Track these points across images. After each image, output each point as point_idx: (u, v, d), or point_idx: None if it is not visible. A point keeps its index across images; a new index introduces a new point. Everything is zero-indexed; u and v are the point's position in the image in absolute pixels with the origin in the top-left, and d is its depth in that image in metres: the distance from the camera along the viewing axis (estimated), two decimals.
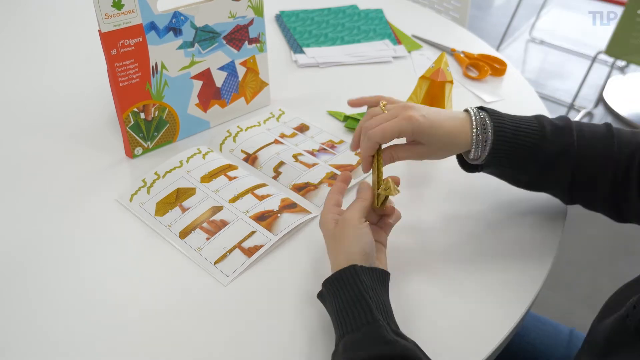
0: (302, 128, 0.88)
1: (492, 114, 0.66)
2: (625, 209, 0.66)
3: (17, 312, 0.60)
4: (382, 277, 0.57)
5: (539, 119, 0.67)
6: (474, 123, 0.65)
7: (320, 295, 0.58)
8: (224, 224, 0.70)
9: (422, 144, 0.65)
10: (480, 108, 0.67)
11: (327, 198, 0.64)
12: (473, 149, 0.65)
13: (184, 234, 0.69)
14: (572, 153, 0.64)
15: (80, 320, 0.59)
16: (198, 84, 0.84)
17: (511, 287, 0.65)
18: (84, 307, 0.61)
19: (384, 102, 0.68)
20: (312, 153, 0.82)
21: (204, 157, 0.80)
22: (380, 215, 0.64)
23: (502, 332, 0.60)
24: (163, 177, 0.76)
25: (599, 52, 2.03)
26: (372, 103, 0.71)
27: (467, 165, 0.70)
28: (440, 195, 0.77)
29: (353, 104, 0.75)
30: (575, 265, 1.63)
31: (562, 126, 0.66)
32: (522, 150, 0.65)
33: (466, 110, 0.67)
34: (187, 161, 0.79)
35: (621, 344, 0.50)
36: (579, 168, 0.65)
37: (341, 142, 0.85)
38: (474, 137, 0.65)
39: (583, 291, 1.60)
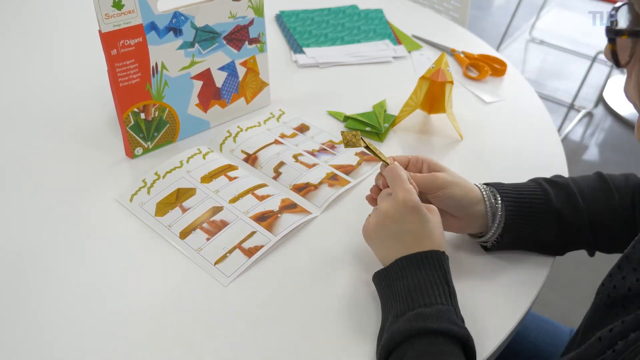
0: (302, 128, 0.88)
1: (495, 185, 0.67)
2: None
3: (16, 311, 0.60)
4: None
5: (533, 180, 0.69)
6: (480, 187, 0.66)
7: (382, 272, 0.59)
8: (224, 224, 0.70)
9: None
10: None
11: (401, 176, 0.61)
12: (488, 206, 0.65)
13: (184, 234, 0.69)
14: (579, 202, 0.66)
15: (80, 320, 0.59)
16: (198, 84, 0.84)
17: (512, 287, 0.65)
18: (84, 306, 0.61)
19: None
20: (312, 153, 0.82)
21: (204, 157, 0.80)
22: None
23: (503, 332, 0.60)
24: (163, 177, 0.76)
25: (599, 52, 2.03)
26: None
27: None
28: None
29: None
30: (575, 265, 1.63)
31: (558, 180, 0.68)
32: (529, 207, 0.65)
33: None
34: (188, 161, 0.79)
35: (594, 324, 0.51)
36: (592, 215, 0.66)
37: (341, 142, 0.85)
38: (485, 196, 0.65)
39: (583, 291, 1.60)
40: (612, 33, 0.47)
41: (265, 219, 0.70)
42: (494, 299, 0.64)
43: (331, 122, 0.91)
